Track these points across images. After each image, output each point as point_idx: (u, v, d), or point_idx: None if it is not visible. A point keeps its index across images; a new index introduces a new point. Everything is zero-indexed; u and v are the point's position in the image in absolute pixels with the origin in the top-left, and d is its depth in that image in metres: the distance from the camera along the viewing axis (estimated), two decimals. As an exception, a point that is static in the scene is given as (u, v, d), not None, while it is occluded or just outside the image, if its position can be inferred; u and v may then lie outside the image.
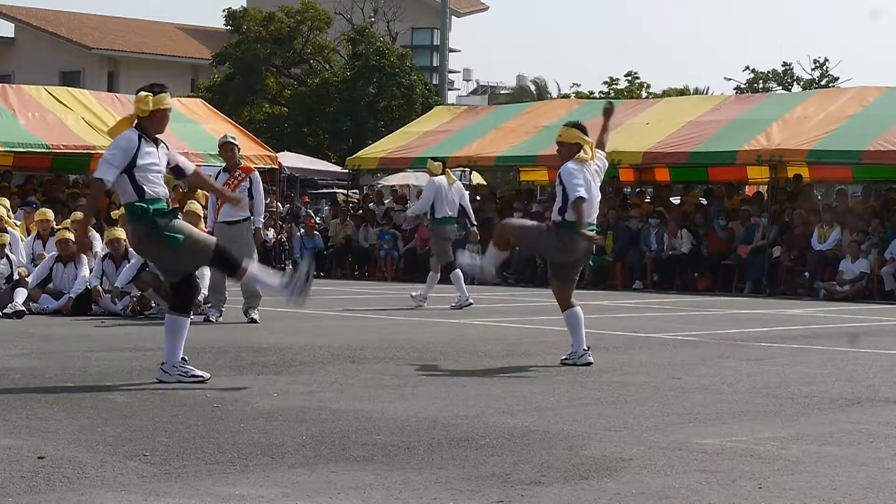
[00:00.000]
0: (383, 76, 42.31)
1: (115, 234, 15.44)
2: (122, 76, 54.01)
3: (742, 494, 5.57)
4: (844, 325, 15.84)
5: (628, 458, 6.35)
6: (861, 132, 22.69)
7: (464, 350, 11.65)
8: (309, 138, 43.39)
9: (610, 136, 10.81)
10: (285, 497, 5.39)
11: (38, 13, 56.91)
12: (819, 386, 9.41)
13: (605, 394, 8.79)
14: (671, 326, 14.82)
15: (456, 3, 56.90)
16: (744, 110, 25.54)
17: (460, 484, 5.69)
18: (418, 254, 26.59)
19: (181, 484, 5.61)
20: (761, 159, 23.34)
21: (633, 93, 50.04)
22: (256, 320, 14.27)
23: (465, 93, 73.53)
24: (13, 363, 9.93)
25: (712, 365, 10.74)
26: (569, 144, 10.28)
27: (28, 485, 5.52)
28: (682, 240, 23.69)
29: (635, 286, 23.76)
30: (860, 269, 21.45)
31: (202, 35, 58.09)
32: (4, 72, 51.97)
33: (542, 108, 29.97)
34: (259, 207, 14.78)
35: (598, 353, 10.86)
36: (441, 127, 29.22)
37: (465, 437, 6.86)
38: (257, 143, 27.50)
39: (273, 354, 10.81)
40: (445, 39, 44.56)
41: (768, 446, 6.75)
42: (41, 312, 15.02)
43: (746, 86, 53.05)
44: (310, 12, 44.73)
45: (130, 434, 6.79)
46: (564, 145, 10.32)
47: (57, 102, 25.22)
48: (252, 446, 6.49)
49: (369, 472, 5.92)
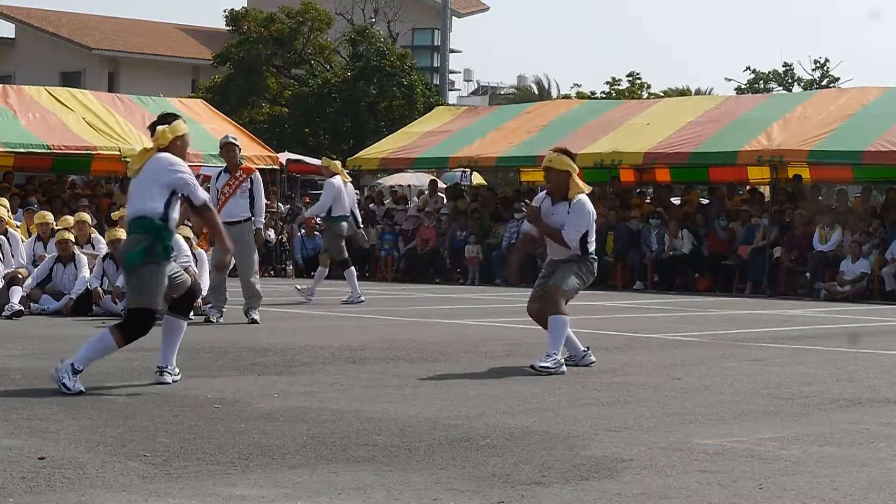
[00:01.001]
0: (384, 77, 42.29)
1: (116, 235, 15.44)
2: (122, 76, 54.00)
3: (743, 495, 5.57)
4: (845, 326, 15.84)
5: (629, 458, 6.35)
6: (861, 132, 22.69)
7: (464, 350, 11.65)
8: (309, 139, 43.37)
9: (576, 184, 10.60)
10: (286, 497, 5.39)
11: (38, 14, 56.90)
12: (819, 386, 9.41)
13: (605, 394, 8.80)
14: (672, 327, 14.82)
15: (456, 4, 56.91)
16: (744, 111, 25.54)
17: (461, 484, 5.69)
18: (419, 254, 26.61)
19: (182, 484, 5.61)
20: (762, 159, 23.34)
21: (634, 93, 50.05)
22: (257, 321, 14.27)
23: (466, 93, 73.53)
24: (14, 364, 9.93)
25: (713, 365, 10.74)
26: (558, 171, 10.25)
27: (29, 485, 5.52)
28: (682, 240, 23.69)
29: (636, 287, 23.76)
30: (861, 269, 21.45)
31: (203, 35, 58.08)
32: (5, 72, 51.95)
33: (542, 109, 29.97)
34: (260, 208, 14.79)
35: (598, 353, 10.86)
36: (441, 127, 29.22)
37: (466, 438, 6.86)
38: (258, 143, 27.51)
39: (273, 355, 10.81)
40: (446, 40, 44.56)
41: (769, 447, 6.75)
42: (41, 313, 15.02)
43: (747, 86, 53.05)
44: (310, 13, 44.71)
45: (131, 434, 6.79)
46: (553, 171, 10.29)
47: (57, 103, 25.22)
48: (253, 447, 6.49)
49: (370, 472, 5.92)
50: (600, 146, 25.04)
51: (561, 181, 10.21)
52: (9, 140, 23.41)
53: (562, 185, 10.21)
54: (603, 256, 24.39)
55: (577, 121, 27.03)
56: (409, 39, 55.69)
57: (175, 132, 8.85)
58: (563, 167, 10.22)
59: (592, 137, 25.56)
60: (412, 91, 42.44)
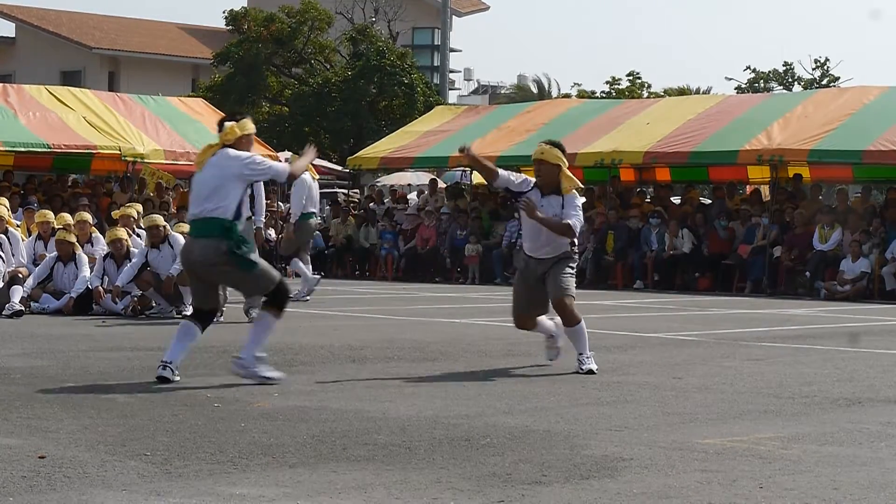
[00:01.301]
0: (384, 76, 42.29)
1: (116, 234, 15.46)
2: (122, 76, 54.01)
3: (743, 494, 5.57)
4: (845, 325, 15.84)
5: (629, 457, 6.36)
6: (862, 132, 22.68)
7: (465, 350, 11.65)
8: (310, 138, 43.35)
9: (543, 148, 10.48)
10: (286, 497, 5.40)
11: (38, 13, 56.91)
12: (820, 386, 9.41)
13: (605, 393, 8.80)
14: (672, 326, 14.82)
15: (457, 3, 56.93)
16: (744, 110, 25.52)
17: (461, 483, 5.70)
18: (419, 253, 26.60)
19: (182, 483, 5.61)
20: (762, 159, 23.33)
21: (634, 92, 50.08)
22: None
23: (466, 92, 73.61)
24: (14, 363, 9.93)
25: (713, 365, 10.74)
26: (550, 164, 10.16)
27: (29, 484, 5.52)
28: (682, 239, 23.68)
29: (636, 286, 23.76)
30: (861, 268, 21.45)
31: (203, 35, 58.09)
32: (5, 71, 51.96)
33: (542, 108, 29.96)
34: (260, 207, 14.78)
35: (599, 352, 10.85)
36: (442, 126, 29.21)
37: (466, 437, 6.86)
38: (258, 142, 27.48)
39: (274, 354, 10.79)
40: (446, 39, 44.56)
41: (769, 446, 6.75)
42: (42, 312, 15.02)
43: (747, 85, 53.11)
44: (311, 12, 44.71)
45: (131, 434, 6.79)
46: (545, 164, 10.18)
47: (58, 102, 25.21)
48: (253, 446, 6.49)
49: (370, 471, 5.92)
50: (600, 145, 25.04)
51: (552, 174, 10.13)
52: (9, 139, 23.41)
53: (553, 178, 10.13)
54: (603, 256, 24.41)
55: (578, 120, 27.02)
56: (410, 38, 55.70)
57: (243, 129, 9.02)
58: (554, 160, 10.14)
59: (592, 137, 25.55)
60: (412, 90, 42.44)
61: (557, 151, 10.18)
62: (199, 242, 8.89)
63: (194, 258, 8.90)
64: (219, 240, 8.78)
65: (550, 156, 10.14)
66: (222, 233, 8.78)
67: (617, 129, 25.76)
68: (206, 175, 8.90)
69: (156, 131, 25.37)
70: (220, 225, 8.79)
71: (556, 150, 10.19)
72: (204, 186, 8.90)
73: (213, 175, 8.86)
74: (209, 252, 8.82)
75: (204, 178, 8.92)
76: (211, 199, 8.83)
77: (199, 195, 8.93)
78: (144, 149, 24.34)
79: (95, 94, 27.31)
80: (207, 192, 8.86)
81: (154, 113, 26.22)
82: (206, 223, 8.84)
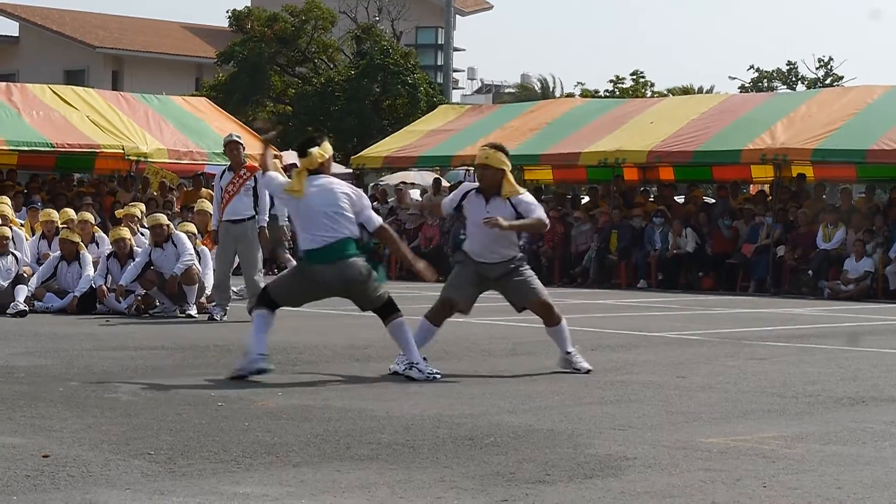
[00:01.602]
0: (388, 75, 42.28)
1: (120, 234, 15.47)
2: (126, 75, 54.02)
3: (747, 493, 5.57)
4: (849, 325, 15.83)
5: (633, 456, 6.36)
6: (865, 131, 22.65)
7: (468, 349, 11.65)
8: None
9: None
10: (290, 496, 5.40)
11: (42, 12, 56.93)
12: (823, 385, 9.40)
13: (609, 393, 8.80)
14: (675, 325, 14.82)
15: (460, 2, 56.93)
16: (748, 109, 25.49)
17: (465, 482, 5.70)
18: (422, 252, 26.59)
19: (186, 482, 5.62)
20: (766, 158, 23.31)
21: (637, 92, 50.06)
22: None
23: (470, 92, 73.51)
24: (18, 362, 9.94)
25: (717, 364, 10.74)
26: (494, 168, 10.09)
27: (33, 483, 5.52)
28: (686, 239, 23.66)
29: (639, 285, 23.74)
30: (864, 268, 21.43)
31: (207, 34, 58.09)
32: (9, 70, 51.97)
33: (546, 107, 29.94)
34: (264, 206, 14.77)
35: (602, 352, 10.86)
36: (445, 126, 29.20)
37: (470, 436, 6.86)
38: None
39: (277, 353, 10.80)
40: (450, 38, 44.57)
41: (773, 445, 6.75)
42: (45, 311, 15.03)
43: (751, 85, 53.06)
44: (314, 11, 44.72)
45: (135, 433, 6.80)
46: (490, 168, 10.10)
47: (61, 101, 25.22)
48: (256, 445, 6.49)
49: (374, 470, 5.93)
50: (604, 144, 25.02)
51: (496, 178, 10.08)
52: (12, 138, 23.42)
53: (496, 182, 10.08)
54: (607, 255, 24.39)
55: (581, 119, 27.00)
56: (413, 38, 55.68)
57: (324, 153, 9.49)
58: (498, 164, 10.06)
59: (596, 136, 25.53)
60: (416, 89, 42.43)
61: (502, 155, 10.07)
62: (344, 264, 9.29)
63: (345, 277, 9.29)
64: (354, 259, 9.30)
65: (494, 160, 10.03)
66: (358, 251, 9.34)
67: (620, 129, 25.74)
68: (318, 203, 9.29)
69: (159, 130, 25.37)
70: (355, 244, 9.33)
71: (500, 154, 10.08)
72: (316, 215, 9.29)
73: (330, 207, 9.29)
74: (356, 271, 9.31)
75: (314, 206, 9.30)
76: (337, 228, 9.29)
77: (317, 222, 9.28)
78: (148, 148, 24.34)
79: (99, 94, 27.31)
80: (329, 222, 9.26)
81: (158, 112, 26.21)
82: (347, 244, 9.30)
